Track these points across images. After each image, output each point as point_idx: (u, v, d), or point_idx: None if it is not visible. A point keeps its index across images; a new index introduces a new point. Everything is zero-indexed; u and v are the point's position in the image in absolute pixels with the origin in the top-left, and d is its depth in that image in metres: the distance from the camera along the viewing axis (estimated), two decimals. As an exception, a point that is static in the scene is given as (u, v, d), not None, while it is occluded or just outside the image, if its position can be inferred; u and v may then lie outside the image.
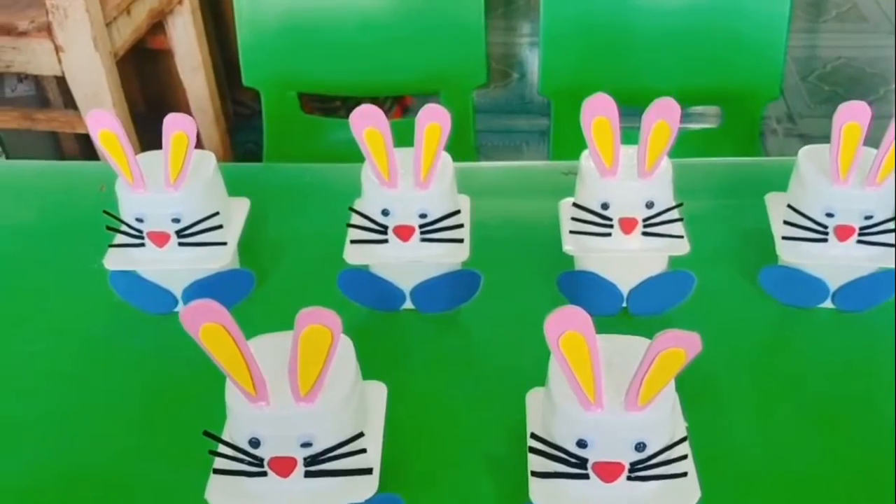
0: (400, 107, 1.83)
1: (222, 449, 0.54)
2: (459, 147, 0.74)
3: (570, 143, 1.04)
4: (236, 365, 0.51)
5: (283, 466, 0.53)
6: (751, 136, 1.39)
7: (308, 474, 0.54)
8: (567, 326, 0.50)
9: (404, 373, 0.71)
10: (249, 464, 0.53)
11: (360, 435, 0.54)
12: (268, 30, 1.33)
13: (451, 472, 0.64)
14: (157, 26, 1.78)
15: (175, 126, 0.68)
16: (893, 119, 0.67)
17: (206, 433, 0.53)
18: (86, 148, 1.97)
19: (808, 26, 2.66)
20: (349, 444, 0.54)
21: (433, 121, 0.68)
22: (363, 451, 0.54)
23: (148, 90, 2.10)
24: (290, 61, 1.38)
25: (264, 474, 0.53)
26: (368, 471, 0.55)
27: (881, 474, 0.63)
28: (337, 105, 1.88)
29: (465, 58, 1.34)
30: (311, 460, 0.53)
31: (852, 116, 0.68)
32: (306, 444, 0.53)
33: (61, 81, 1.73)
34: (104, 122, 0.68)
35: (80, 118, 1.60)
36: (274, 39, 1.35)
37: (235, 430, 0.54)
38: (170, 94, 2.03)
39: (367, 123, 0.68)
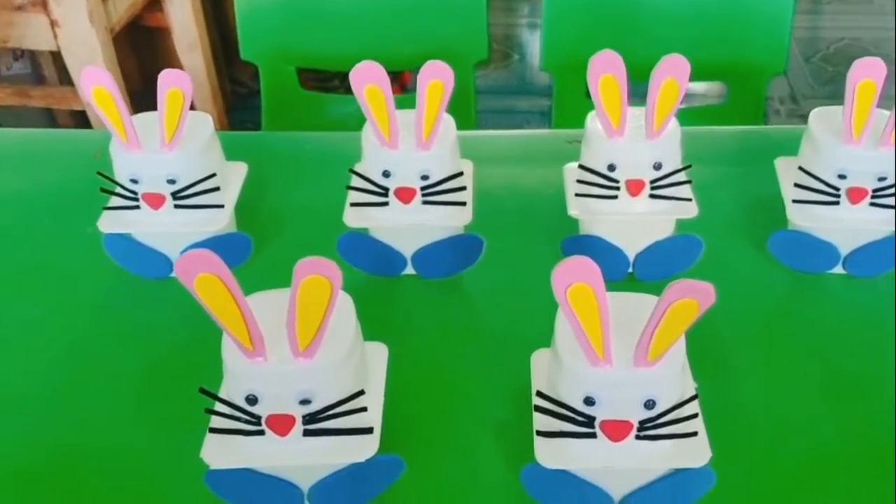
0: (399, 85, 1.81)
1: (219, 407, 0.52)
2: (460, 124, 0.72)
3: (572, 120, 1.02)
4: (233, 318, 0.49)
5: (282, 424, 0.51)
6: (755, 113, 1.37)
7: (307, 433, 0.52)
8: (575, 278, 0.48)
9: (406, 338, 0.69)
10: (246, 422, 0.52)
11: (361, 393, 0.52)
12: (265, 2, 1.31)
13: (454, 435, 0.62)
14: (155, 3, 1.76)
15: (170, 82, 0.66)
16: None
17: (202, 390, 0.52)
18: (81, 125, 1.95)
19: (811, 7, 2.64)
20: (349, 402, 0.52)
21: (435, 78, 0.67)
22: (363, 409, 0.52)
23: (145, 68, 2.07)
24: (288, 35, 1.36)
25: (262, 433, 0.52)
26: (369, 430, 0.53)
27: (892, 440, 0.61)
28: (335, 82, 1.86)
29: (466, 32, 1.32)
30: (309, 418, 0.52)
31: (867, 73, 0.66)
32: (305, 402, 0.51)
33: (57, 58, 1.71)
34: (98, 79, 0.66)
35: (75, 94, 1.58)
36: (271, 12, 1.33)
37: (232, 387, 0.52)
38: (167, 72, 2.00)
39: (368, 80, 0.66)
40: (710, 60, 1.34)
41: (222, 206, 0.73)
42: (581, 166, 0.72)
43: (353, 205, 0.72)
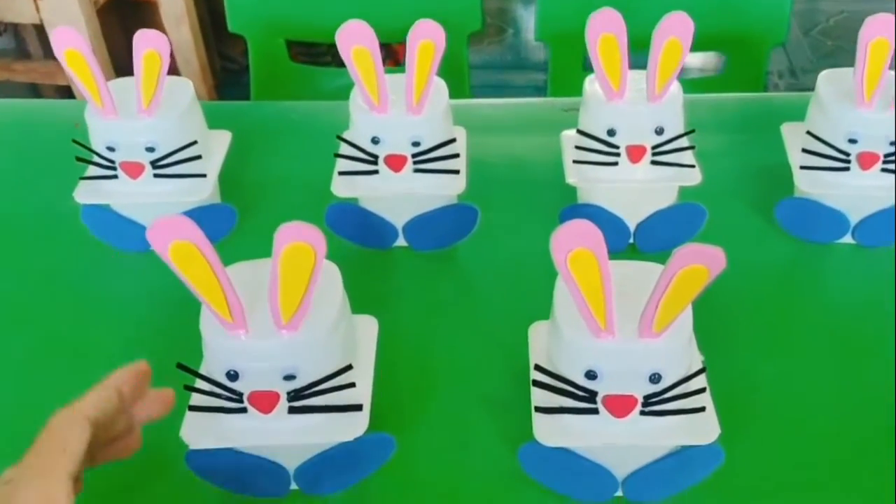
0: (392, 59, 1.78)
1: (199, 384, 0.49)
2: (454, 97, 0.70)
3: (568, 92, 0.99)
4: (210, 289, 0.46)
5: (265, 401, 0.48)
6: (756, 85, 1.33)
7: (292, 410, 0.49)
8: (576, 243, 0.45)
9: (397, 312, 0.67)
10: (227, 399, 0.49)
11: (349, 368, 0.49)
12: (253, -29, 1.28)
13: (447, 413, 0.60)
14: (140, -24, 1.71)
15: (146, 44, 0.63)
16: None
17: (180, 366, 0.49)
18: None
19: (810, -20, 2.60)
20: (337, 378, 0.49)
21: (426, 38, 0.63)
22: (352, 385, 0.50)
23: (132, 44, 2.03)
24: (277, 5, 1.32)
25: (244, 410, 0.49)
26: (358, 407, 0.50)
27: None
28: (327, 57, 1.82)
29: (459, 2, 1.28)
30: (294, 395, 0.49)
31: (880, 30, 0.63)
32: (289, 377, 0.48)
33: (41, 32, 1.66)
34: (70, 41, 0.62)
35: (59, 68, 1.53)
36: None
37: (212, 363, 0.49)
38: (154, 47, 1.96)
39: (355, 41, 0.63)
40: (708, 30, 1.30)
41: (205, 176, 0.69)
42: (579, 131, 0.69)
43: (341, 174, 0.69)
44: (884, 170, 0.68)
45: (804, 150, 0.69)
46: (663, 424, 0.50)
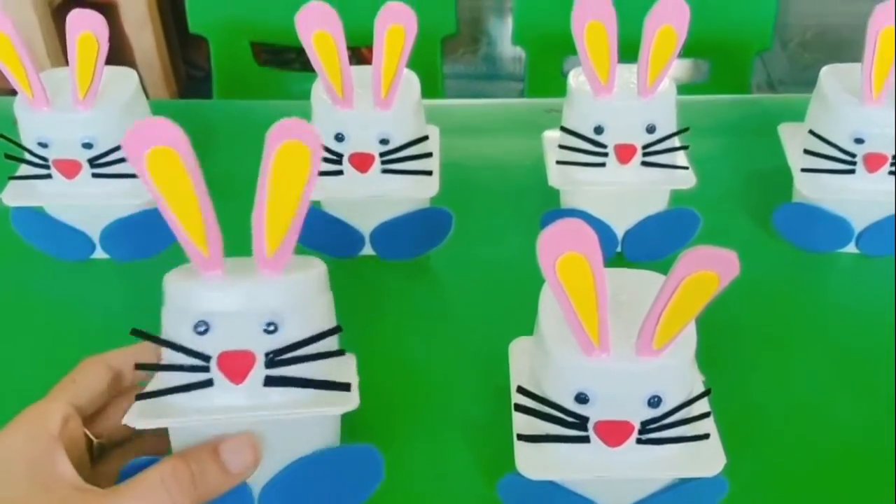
0: (358, 62, 1.73)
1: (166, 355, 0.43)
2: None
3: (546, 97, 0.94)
4: (188, 212, 0.41)
5: (236, 366, 0.41)
6: (741, 91, 1.30)
7: (269, 381, 0.41)
8: (566, 246, 0.39)
9: (365, 329, 0.60)
10: (194, 369, 0.41)
11: (338, 329, 0.44)
12: (216, -31, 1.22)
13: (421, 440, 0.54)
14: (101, -23, 1.65)
15: (80, 25, 0.56)
16: None
17: (135, 331, 0.42)
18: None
19: (787, -7, 2.59)
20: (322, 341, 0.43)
21: (395, 22, 0.57)
22: (341, 353, 0.44)
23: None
24: (241, 5, 1.26)
25: (209, 383, 0.41)
26: (346, 386, 0.43)
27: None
28: (291, 57, 1.76)
29: (432, 3, 1.23)
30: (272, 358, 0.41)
31: (891, 19, 0.58)
32: (270, 328, 0.41)
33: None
34: (-4, 23, 0.56)
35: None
36: (222, -19, 1.23)
37: (178, 319, 0.42)
38: (114, 52, 1.89)
39: (317, 24, 0.57)
40: (693, 36, 1.26)
41: (150, 176, 0.63)
42: (563, 129, 0.63)
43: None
44: (891, 172, 0.63)
45: (806, 152, 0.64)
46: (662, 454, 0.44)
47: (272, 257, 0.42)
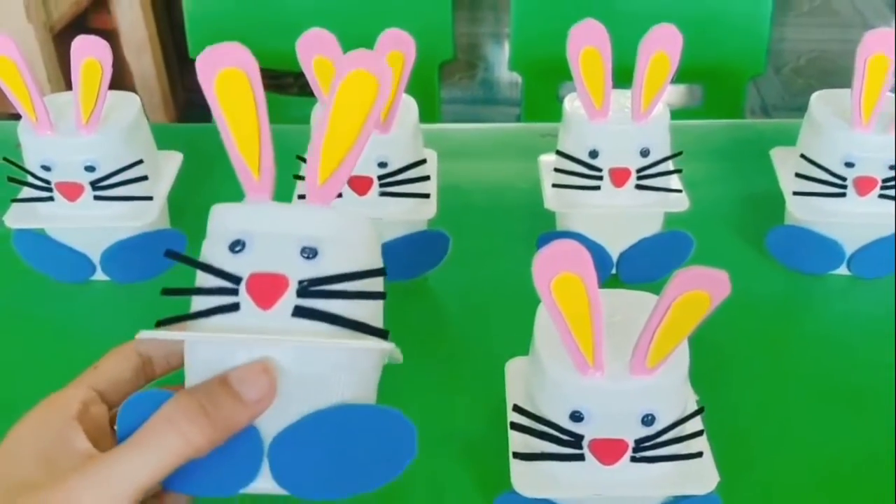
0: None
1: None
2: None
3: (542, 121, 0.96)
4: (248, 136, 0.41)
5: (266, 289, 0.37)
6: (734, 116, 1.31)
7: (298, 312, 0.37)
8: (561, 266, 0.40)
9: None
10: (222, 292, 0.37)
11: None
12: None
13: (419, 458, 0.53)
14: (101, 4, 1.66)
15: (85, 51, 0.57)
16: None
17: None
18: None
19: (781, 20, 2.61)
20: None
21: (395, 48, 0.58)
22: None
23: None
24: (241, 32, 1.27)
25: (235, 307, 0.37)
26: (383, 333, 0.41)
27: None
28: (289, 81, 1.77)
29: (430, 31, 1.25)
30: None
31: (879, 46, 0.59)
32: (307, 254, 0.39)
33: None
34: (1, 48, 0.57)
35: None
36: (222, 8, 1.25)
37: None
38: (114, 76, 1.90)
39: (317, 50, 0.58)
40: (687, 61, 1.28)
41: (151, 199, 0.63)
42: (559, 153, 0.64)
43: (301, 197, 0.63)
44: (882, 196, 0.63)
45: (798, 175, 0.65)
46: (656, 472, 0.44)
47: (322, 186, 0.40)
